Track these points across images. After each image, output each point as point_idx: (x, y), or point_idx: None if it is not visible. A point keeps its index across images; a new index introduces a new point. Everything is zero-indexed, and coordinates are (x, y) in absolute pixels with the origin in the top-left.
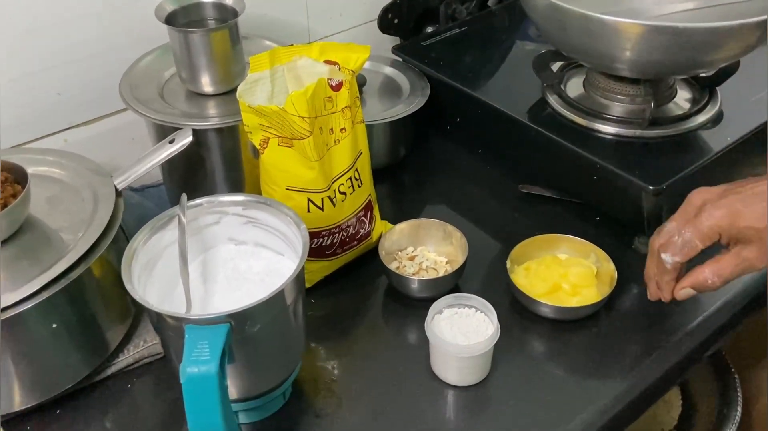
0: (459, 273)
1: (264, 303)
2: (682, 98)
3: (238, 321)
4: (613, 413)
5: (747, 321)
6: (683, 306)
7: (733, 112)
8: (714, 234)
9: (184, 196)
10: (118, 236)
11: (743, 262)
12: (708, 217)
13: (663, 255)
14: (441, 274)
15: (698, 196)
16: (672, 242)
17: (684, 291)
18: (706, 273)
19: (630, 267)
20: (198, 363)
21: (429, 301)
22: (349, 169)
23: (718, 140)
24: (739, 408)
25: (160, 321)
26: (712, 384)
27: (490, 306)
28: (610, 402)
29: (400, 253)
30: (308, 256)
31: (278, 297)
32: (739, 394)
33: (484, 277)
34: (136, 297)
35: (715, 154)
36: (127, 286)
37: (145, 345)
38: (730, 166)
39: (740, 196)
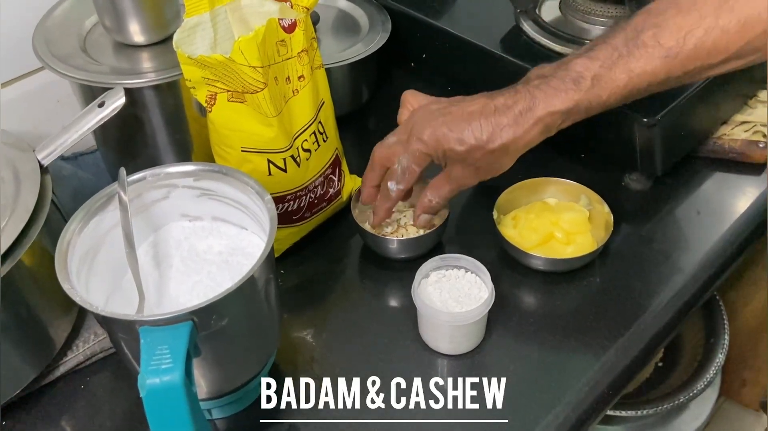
0: (442, 229)
1: (231, 293)
2: None
3: (203, 317)
4: (620, 369)
5: (749, 250)
6: (685, 244)
7: None
8: (425, 156)
9: (122, 171)
10: (50, 217)
11: (454, 181)
12: (416, 142)
13: (389, 184)
14: (422, 232)
15: (409, 103)
16: (394, 170)
17: (422, 217)
18: (428, 196)
19: (623, 206)
20: (159, 372)
21: (410, 262)
22: (312, 122)
23: None
24: (727, 336)
25: (108, 324)
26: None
27: (482, 266)
28: (614, 357)
29: None
30: None
31: (247, 283)
32: (725, 320)
33: (468, 229)
34: (77, 299)
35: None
36: (65, 286)
37: (96, 339)
38: (726, 82)
39: (448, 119)
